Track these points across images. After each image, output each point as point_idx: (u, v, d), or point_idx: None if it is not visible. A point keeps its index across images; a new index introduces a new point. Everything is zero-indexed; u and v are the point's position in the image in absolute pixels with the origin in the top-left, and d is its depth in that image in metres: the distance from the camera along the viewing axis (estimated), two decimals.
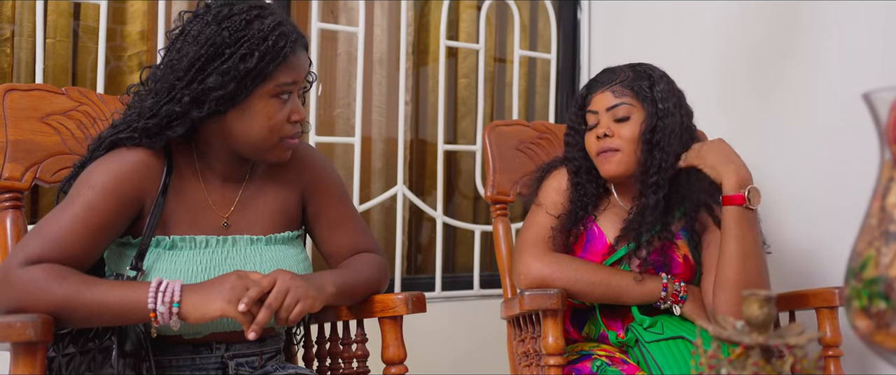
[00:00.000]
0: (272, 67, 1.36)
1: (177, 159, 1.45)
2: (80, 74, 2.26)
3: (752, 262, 1.59)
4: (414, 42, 2.76)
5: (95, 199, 1.34)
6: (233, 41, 1.34)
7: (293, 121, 1.42)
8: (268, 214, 1.51)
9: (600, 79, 1.76)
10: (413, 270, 2.81)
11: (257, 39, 1.35)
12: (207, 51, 1.34)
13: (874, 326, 0.66)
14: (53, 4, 2.17)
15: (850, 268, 0.68)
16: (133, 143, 1.39)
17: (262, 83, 1.36)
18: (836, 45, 2.02)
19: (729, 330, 0.72)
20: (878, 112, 0.69)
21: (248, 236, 1.47)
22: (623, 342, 1.69)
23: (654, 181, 1.66)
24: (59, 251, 1.30)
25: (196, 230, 1.43)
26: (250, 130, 1.39)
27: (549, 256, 1.69)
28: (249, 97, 1.37)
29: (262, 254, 1.46)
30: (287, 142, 1.43)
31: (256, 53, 1.34)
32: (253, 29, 1.35)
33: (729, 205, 1.61)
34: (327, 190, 1.59)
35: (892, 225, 0.66)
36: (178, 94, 1.35)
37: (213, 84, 1.33)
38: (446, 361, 2.42)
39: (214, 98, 1.34)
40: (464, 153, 2.84)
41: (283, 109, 1.40)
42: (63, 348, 1.36)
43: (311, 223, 1.60)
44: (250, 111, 1.38)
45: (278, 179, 1.54)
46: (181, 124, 1.37)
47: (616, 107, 1.70)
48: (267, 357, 1.52)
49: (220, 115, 1.38)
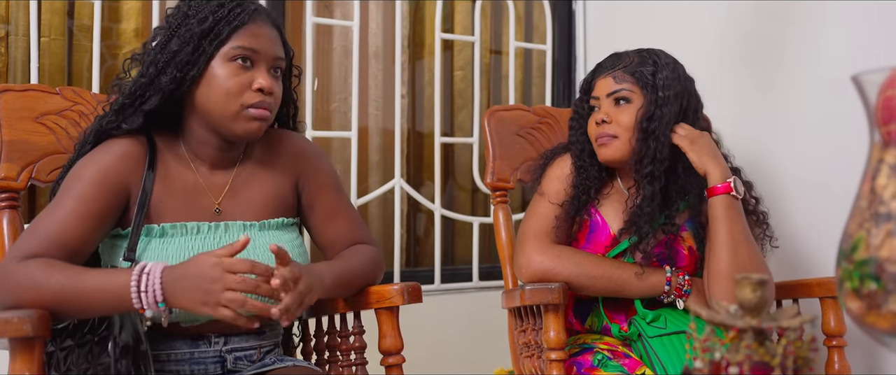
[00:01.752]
0: (227, 30, 1.39)
1: (161, 147, 1.47)
2: (76, 73, 2.26)
3: (744, 250, 1.59)
4: (409, 35, 2.76)
5: (84, 191, 1.36)
6: (193, 12, 1.41)
7: (255, 89, 1.41)
8: (261, 200, 1.51)
9: (605, 64, 1.75)
10: (412, 263, 2.82)
11: (215, 6, 1.41)
12: (170, 23, 1.41)
13: (866, 307, 0.66)
14: (47, 3, 2.17)
15: (842, 250, 0.69)
16: (112, 127, 1.42)
17: (218, 47, 1.39)
18: (830, 35, 2.02)
19: (722, 314, 0.73)
20: (867, 94, 0.69)
21: (240, 222, 1.47)
22: (626, 335, 1.68)
23: (648, 172, 1.65)
24: (54, 246, 1.32)
25: (187, 216, 1.44)
26: (211, 98, 1.40)
27: (551, 249, 1.69)
28: (209, 64, 1.40)
29: (256, 240, 1.45)
30: (250, 111, 1.41)
31: (211, 17, 1.39)
32: (214, 2, 1.41)
33: (716, 195, 1.61)
34: (321, 179, 1.59)
35: (882, 206, 0.66)
36: (147, 68, 1.40)
37: (174, 48, 1.38)
38: (446, 353, 2.43)
39: (176, 63, 1.38)
40: (461, 145, 2.85)
41: (242, 75, 1.40)
42: (61, 342, 1.36)
43: (306, 213, 1.60)
44: (210, 78, 1.40)
45: (271, 166, 1.54)
46: (153, 96, 1.40)
47: (616, 93, 1.70)
48: (265, 350, 1.53)
49: (190, 90, 1.41)
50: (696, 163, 1.64)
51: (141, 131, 1.44)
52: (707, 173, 1.63)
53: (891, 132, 0.67)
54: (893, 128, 0.67)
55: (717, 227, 1.60)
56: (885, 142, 0.68)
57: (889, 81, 0.67)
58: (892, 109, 0.67)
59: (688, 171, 1.68)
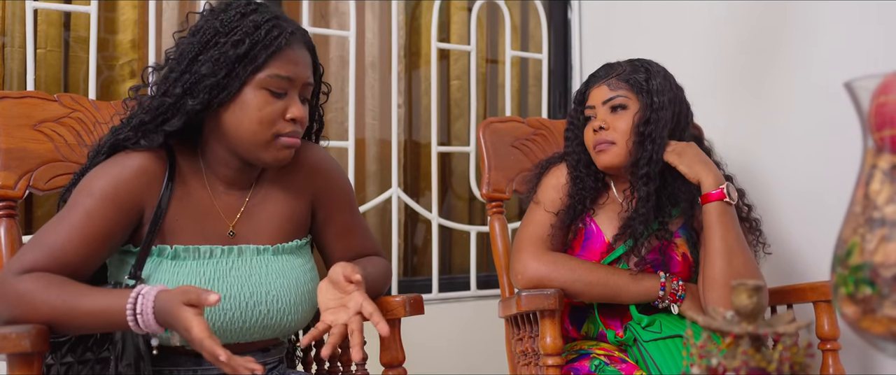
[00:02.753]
0: (264, 56, 1.32)
1: (180, 165, 1.41)
2: (73, 84, 2.26)
3: (738, 257, 1.60)
4: (405, 45, 2.77)
5: (93, 207, 1.31)
6: (226, 30, 1.33)
7: (288, 119, 1.36)
8: (276, 223, 1.47)
9: (598, 74, 1.78)
10: (410, 272, 2.82)
11: (250, 28, 1.33)
12: (201, 40, 1.33)
13: (861, 312, 0.66)
14: (43, 14, 2.17)
15: (837, 256, 0.69)
16: (131, 143, 1.36)
17: (253, 73, 1.33)
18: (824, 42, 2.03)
19: (718, 320, 0.73)
20: (860, 100, 0.70)
21: (254, 246, 1.43)
22: (622, 341, 1.69)
23: (644, 173, 1.67)
24: (55, 260, 1.28)
25: (201, 239, 1.39)
26: (241, 124, 1.34)
27: (546, 255, 1.70)
28: (242, 89, 1.33)
29: (269, 265, 1.42)
30: (282, 140, 1.36)
31: (248, 40, 1.31)
32: (248, 20, 1.34)
33: (710, 202, 1.62)
34: (338, 198, 1.56)
35: (876, 212, 0.66)
36: (172, 86, 1.33)
37: (205, 71, 1.31)
38: (445, 362, 2.42)
39: (206, 86, 1.31)
40: (458, 154, 2.85)
41: (276, 104, 1.35)
42: (61, 356, 1.35)
43: (320, 230, 1.57)
44: (242, 103, 1.33)
45: (287, 185, 1.50)
46: (176, 117, 1.34)
47: (612, 100, 1.71)
48: (270, 367, 1.51)
49: (216, 111, 1.35)
50: (689, 173, 1.66)
51: (161, 144, 1.38)
52: (700, 181, 1.64)
53: (884, 138, 0.68)
54: (886, 133, 0.67)
55: (711, 234, 1.61)
56: (879, 147, 0.68)
57: (882, 88, 0.68)
58: (884, 115, 0.67)
59: (680, 178, 1.69)
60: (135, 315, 1.22)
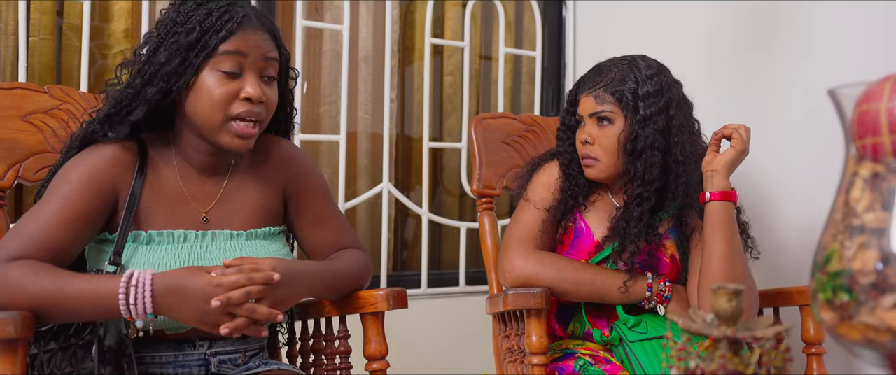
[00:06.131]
0: (215, 40, 1.37)
1: (152, 154, 1.46)
2: (66, 73, 2.25)
3: (739, 263, 1.60)
4: (399, 40, 2.77)
5: (71, 192, 1.36)
6: (182, 20, 1.38)
7: (243, 98, 1.39)
8: (249, 209, 1.51)
9: (587, 80, 1.74)
10: (399, 267, 2.82)
11: (202, 15, 1.38)
12: (160, 32, 1.39)
13: (838, 318, 0.67)
14: (37, 2, 2.16)
15: (816, 262, 0.70)
16: (100, 136, 1.41)
17: (207, 58, 1.37)
18: (818, 43, 2.04)
19: (698, 323, 0.74)
20: (844, 108, 0.70)
21: (227, 231, 1.47)
22: (607, 340, 1.69)
23: (638, 193, 1.66)
24: (39, 247, 1.31)
25: (174, 224, 1.44)
26: (198, 108, 1.39)
27: (534, 254, 1.70)
28: (198, 74, 1.38)
29: (242, 249, 1.46)
30: (237, 124, 1.39)
31: (199, 27, 1.37)
32: (202, 9, 1.39)
33: (718, 201, 1.60)
34: (309, 188, 1.59)
35: (856, 219, 0.67)
36: (134, 78, 1.39)
37: (162, 60, 1.36)
38: (433, 357, 2.43)
39: (163, 74, 1.36)
40: (449, 150, 2.85)
41: (229, 84, 1.38)
42: (44, 344, 1.36)
43: (293, 220, 1.60)
44: (198, 88, 1.38)
45: (260, 175, 1.54)
46: (139, 107, 1.38)
47: (597, 114, 1.70)
48: (250, 353, 1.53)
49: (178, 99, 1.40)
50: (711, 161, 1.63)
51: (131, 136, 1.43)
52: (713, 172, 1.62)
53: (865, 146, 0.68)
54: (868, 141, 0.68)
55: (714, 236, 1.60)
56: (860, 155, 0.69)
57: (865, 96, 0.68)
58: (866, 123, 0.68)
59: (676, 180, 1.68)
60: (127, 297, 1.26)
